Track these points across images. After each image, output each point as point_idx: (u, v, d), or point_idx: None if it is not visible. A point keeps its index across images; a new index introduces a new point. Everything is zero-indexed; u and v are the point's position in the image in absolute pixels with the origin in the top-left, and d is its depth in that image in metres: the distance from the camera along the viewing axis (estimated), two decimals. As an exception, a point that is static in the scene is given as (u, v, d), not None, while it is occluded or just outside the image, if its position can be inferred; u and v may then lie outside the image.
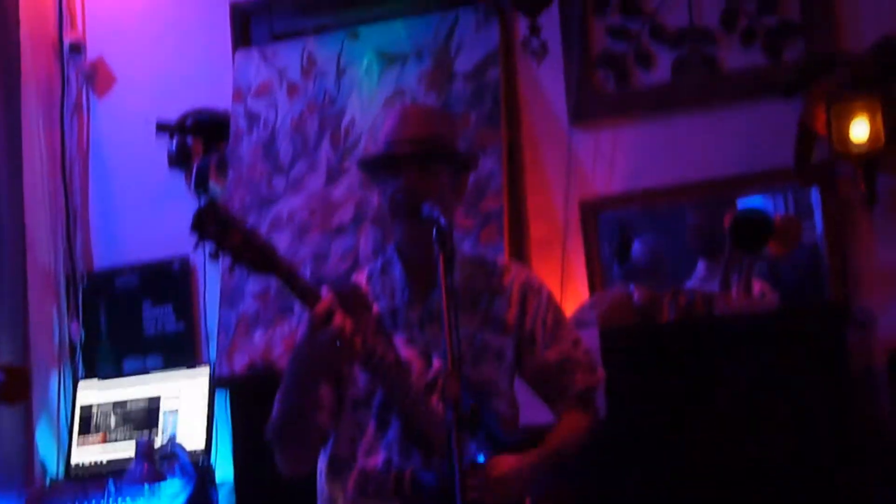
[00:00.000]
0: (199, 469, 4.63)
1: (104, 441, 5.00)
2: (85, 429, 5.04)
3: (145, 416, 4.98)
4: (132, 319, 5.38)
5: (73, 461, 5.01)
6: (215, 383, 4.89)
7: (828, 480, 3.93)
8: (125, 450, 4.87)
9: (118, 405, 5.04)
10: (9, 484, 4.93)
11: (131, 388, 5.07)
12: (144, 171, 5.41)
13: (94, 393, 5.11)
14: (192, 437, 4.82)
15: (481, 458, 3.06)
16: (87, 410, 5.08)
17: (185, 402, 4.94)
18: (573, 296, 4.67)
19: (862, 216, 4.48)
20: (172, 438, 4.76)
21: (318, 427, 3.10)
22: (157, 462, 4.56)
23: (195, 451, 4.77)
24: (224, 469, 4.80)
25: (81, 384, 5.18)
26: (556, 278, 4.68)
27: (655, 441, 4.08)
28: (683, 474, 4.05)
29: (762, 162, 4.60)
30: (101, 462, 4.96)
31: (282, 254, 2.90)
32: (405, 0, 5.16)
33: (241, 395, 4.71)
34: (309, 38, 5.22)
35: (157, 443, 4.73)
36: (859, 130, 4.32)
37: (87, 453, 5.00)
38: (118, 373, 5.28)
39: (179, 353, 5.26)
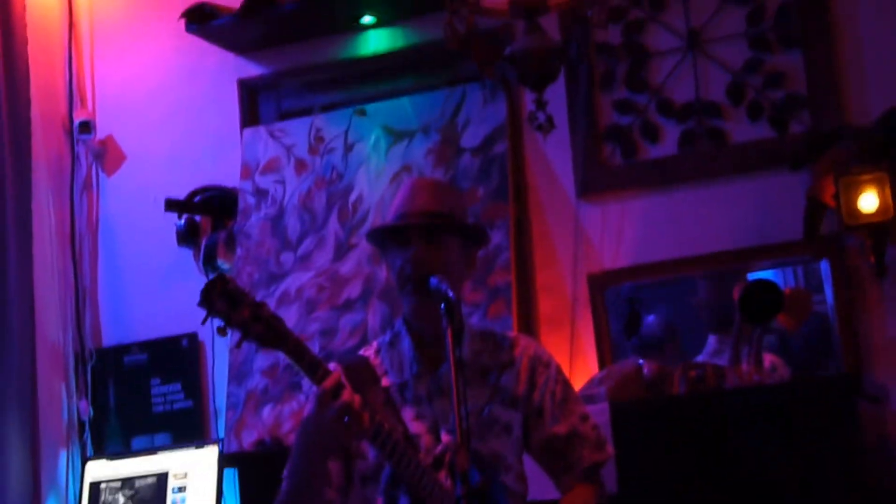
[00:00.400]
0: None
1: (113, 520, 4.98)
2: (93, 508, 5.02)
3: (154, 493, 4.95)
4: (141, 397, 5.37)
5: (82, 540, 4.98)
6: (224, 460, 4.86)
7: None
8: (133, 528, 4.85)
9: (127, 483, 5.01)
10: (17, 565, 4.90)
11: (140, 466, 5.04)
12: (153, 248, 5.42)
13: (102, 471, 5.08)
14: (200, 515, 4.80)
15: None
16: (95, 488, 5.05)
17: (193, 480, 4.91)
18: (582, 370, 4.64)
19: (872, 288, 4.46)
20: (181, 517, 4.74)
21: (326, 503, 3.07)
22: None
23: (203, 529, 4.74)
24: (233, 546, 4.78)
25: (90, 462, 5.15)
26: (565, 353, 4.66)
27: (667, 515, 4.06)
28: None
29: (771, 235, 4.59)
30: (109, 540, 4.94)
31: (290, 328, 2.89)
32: (412, 77, 5.20)
33: (250, 471, 4.68)
34: (317, 115, 5.26)
35: (166, 521, 4.71)
36: (868, 202, 4.31)
37: (95, 532, 4.98)
38: (127, 450, 5.26)
39: (188, 431, 5.24)
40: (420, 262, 3.09)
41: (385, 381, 3.19)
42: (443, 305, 2.90)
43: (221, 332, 2.80)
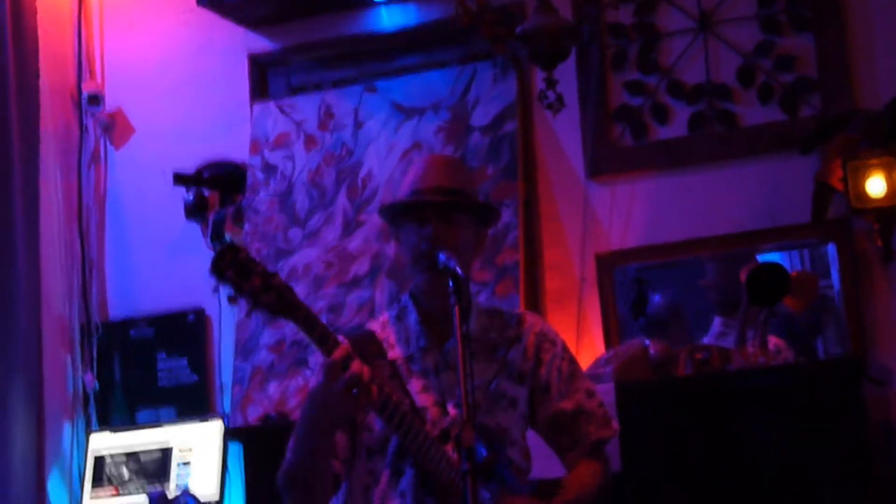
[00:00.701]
0: (211, 520, 4.62)
1: (116, 493, 4.98)
2: (98, 479, 5.02)
3: (158, 466, 4.96)
4: (146, 370, 5.37)
5: (86, 511, 4.99)
6: (229, 435, 4.86)
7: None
8: (137, 500, 4.85)
9: (131, 456, 5.02)
10: (20, 534, 4.92)
11: (144, 439, 5.05)
12: (161, 222, 5.42)
13: (106, 443, 5.10)
14: (204, 489, 4.80)
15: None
16: (99, 461, 5.06)
17: (198, 454, 4.92)
18: (589, 350, 4.65)
19: (879, 272, 4.47)
20: (185, 490, 4.74)
21: (331, 475, 3.08)
22: (169, 513, 4.55)
23: (208, 503, 4.74)
24: (237, 521, 4.80)
25: (94, 435, 5.16)
26: (572, 332, 4.67)
27: (671, 495, 4.06)
28: (699, 528, 4.03)
29: (778, 218, 4.59)
30: (114, 512, 4.95)
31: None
32: (423, 54, 5.19)
33: (255, 446, 4.69)
34: (327, 91, 5.25)
35: (170, 494, 4.71)
36: (876, 186, 4.33)
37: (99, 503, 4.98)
38: (131, 424, 5.27)
39: (193, 405, 5.24)
40: (437, 240, 3.08)
41: (391, 355, 3.19)
42: (451, 282, 2.89)
43: (232, 300, 2.81)
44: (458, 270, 2.90)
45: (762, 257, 4.70)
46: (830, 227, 4.51)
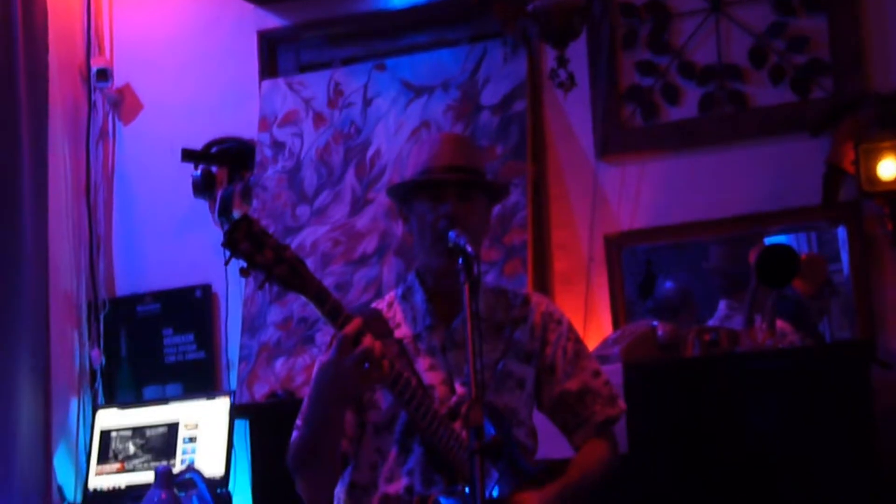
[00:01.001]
0: (217, 497, 4.61)
1: (122, 469, 4.98)
2: (104, 455, 5.03)
3: (164, 443, 4.96)
4: (153, 347, 5.38)
5: (91, 486, 4.99)
6: (235, 412, 4.86)
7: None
8: (143, 476, 4.85)
9: (137, 432, 5.03)
10: (27, 508, 4.92)
11: (151, 416, 5.05)
12: (168, 198, 5.41)
13: (113, 420, 5.10)
14: (210, 465, 4.80)
15: (496, 493, 3.04)
16: (106, 437, 5.06)
17: (204, 430, 4.92)
18: (596, 330, 4.65)
19: (888, 255, 4.46)
20: (191, 466, 4.74)
21: (339, 452, 3.07)
22: (175, 490, 4.53)
23: (213, 479, 4.73)
24: (242, 498, 4.79)
25: (101, 411, 5.16)
26: (580, 312, 4.67)
27: (678, 477, 4.05)
28: (706, 510, 4.02)
29: (788, 200, 4.58)
30: (120, 487, 4.94)
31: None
32: (433, 32, 5.17)
33: (262, 423, 4.68)
34: (336, 68, 5.24)
35: (176, 470, 4.71)
36: (887, 169, 4.32)
37: (105, 479, 4.98)
38: (138, 400, 5.28)
39: (200, 382, 5.25)
40: (455, 219, 3.06)
41: (398, 333, 3.18)
42: (461, 260, 2.89)
43: (244, 273, 2.79)
44: (468, 248, 2.89)
45: (769, 240, 4.69)
46: (841, 209, 4.49)
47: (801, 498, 3.95)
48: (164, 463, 4.82)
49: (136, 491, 4.78)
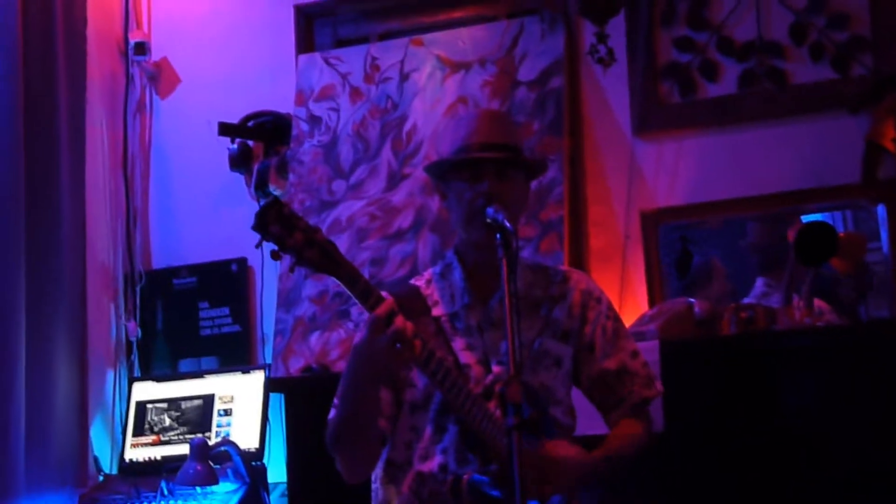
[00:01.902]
0: (252, 470, 4.62)
1: (158, 441, 5.01)
2: (139, 427, 5.05)
3: (199, 416, 4.98)
4: (189, 320, 5.40)
5: (127, 458, 5.02)
6: (270, 385, 4.88)
7: (891, 499, 3.87)
8: (179, 449, 4.88)
9: (173, 405, 5.05)
10: (63, 479, 4.95)
11: (186, 389, 5.07)
12: (205, 171, 5.43)
13: (148, 392, 5.12)
14: (245, 439, 4.82)
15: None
16: (141, 409, 5.09)
17: (239, 404, 4.94)
18: (632, 307, 4.64)
19: (928, 234, 4.43)
20: (226, 439, 4.76)
21: (377, 431, 3.07)
22: (210, 463, 4.55)
23: (249, 452, 4.75)
24: (277, 470, 4.80)
25: (137, 384, 5.19)
26: (616, 289, 4.66)
27: (715, 454, 4.04)
28: (744, 489, 4.00)
29: (827, 178, 4.55)
30: (156, 459, 4.96)
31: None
32: (470, 7, 5.16)
33: (297, 397, 4.69)
34: (373, 43, 5.23)
35: (211, 443, 4.73)
36: (927, 148, 4.29)
37: (140, 451, 5.01)
38: (173, 373, 5.30)
39: (235, 355, 5.27)
40: (494, 196, 3.05)
41: (436, 311, 3.18)
42: (499, 236, 2.88)
43: (275, 255, 2.78)
44: (507, 224, 2.89)
45: (807, 217, 4.66)
46: (881, 187, 4.45)
47: (837, 477, 3.94)
48: (200, 436, 4.83)
49: (171, 463, 4.79)
